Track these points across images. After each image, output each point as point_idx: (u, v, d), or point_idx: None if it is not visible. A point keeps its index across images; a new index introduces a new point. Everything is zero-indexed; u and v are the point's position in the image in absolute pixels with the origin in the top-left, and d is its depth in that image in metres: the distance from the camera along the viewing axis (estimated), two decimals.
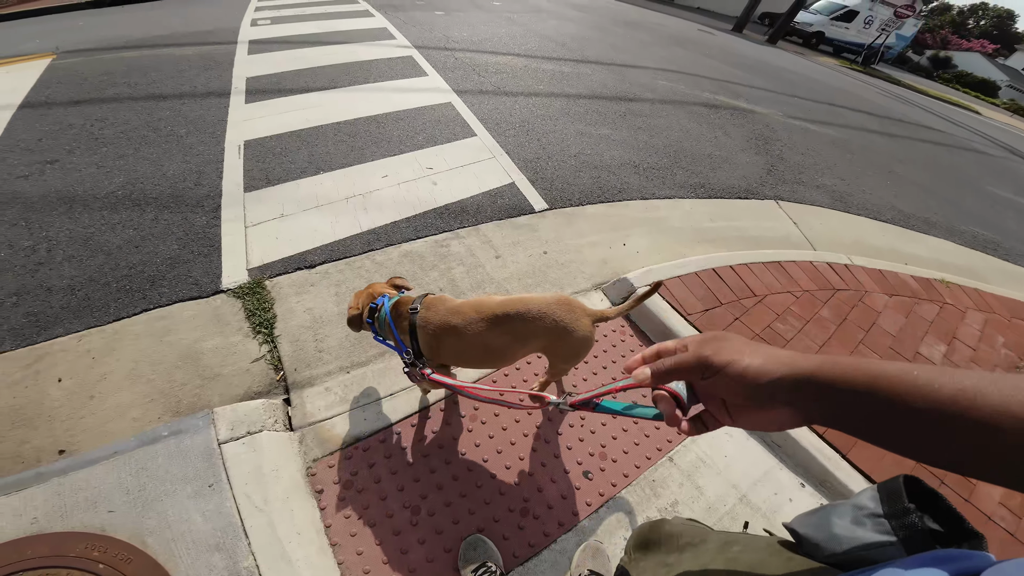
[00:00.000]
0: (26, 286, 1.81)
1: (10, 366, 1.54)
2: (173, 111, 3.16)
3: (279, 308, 1.87)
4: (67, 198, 2.28)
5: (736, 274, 2.33)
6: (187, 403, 1.51)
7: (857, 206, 3.86)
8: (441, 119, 3.54)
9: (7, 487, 1.19)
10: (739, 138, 4.59)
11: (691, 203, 3.16)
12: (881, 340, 2.24)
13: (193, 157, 2.70)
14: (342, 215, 2.41)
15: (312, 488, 1.36)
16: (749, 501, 1.57)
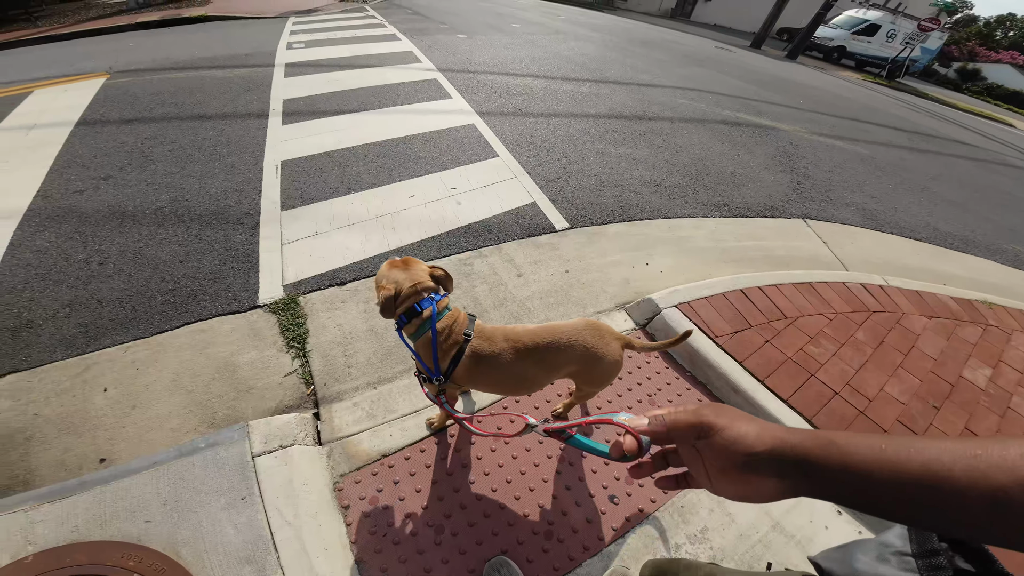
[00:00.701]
0: (79, 298, 1.92)
1: (60, 375, 1.61)
2: (216, 131, 3.34)
3: (311, 323, 1.92)
4: (119, 213, 2.43)
5: (765, 295, 2.27)
6: (222, 415, 1.55)
7: (890, 225, 3.73)
8: (465, 140, 3.64)
9: (52, 494, 1.22)
10: (762, 156, 4.53)
11: (715, 222, 3.12)
12: (921, 363, 2.13)
13: (234, 176, 2.84)
14: (372, 234, 2.48)
15: (339, 503, 1.36)
16: (783, 528, 1.49)
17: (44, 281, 1.98)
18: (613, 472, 1.56)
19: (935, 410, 1.90)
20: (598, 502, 1.48)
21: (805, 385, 1.86)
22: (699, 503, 1.52)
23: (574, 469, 1.55)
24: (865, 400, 1.87)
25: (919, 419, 1.84)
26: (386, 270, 1.16)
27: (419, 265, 1.19)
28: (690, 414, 0.47)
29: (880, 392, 1.92)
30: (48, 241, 2.20)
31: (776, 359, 1.94)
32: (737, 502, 0.49)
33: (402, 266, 1.17)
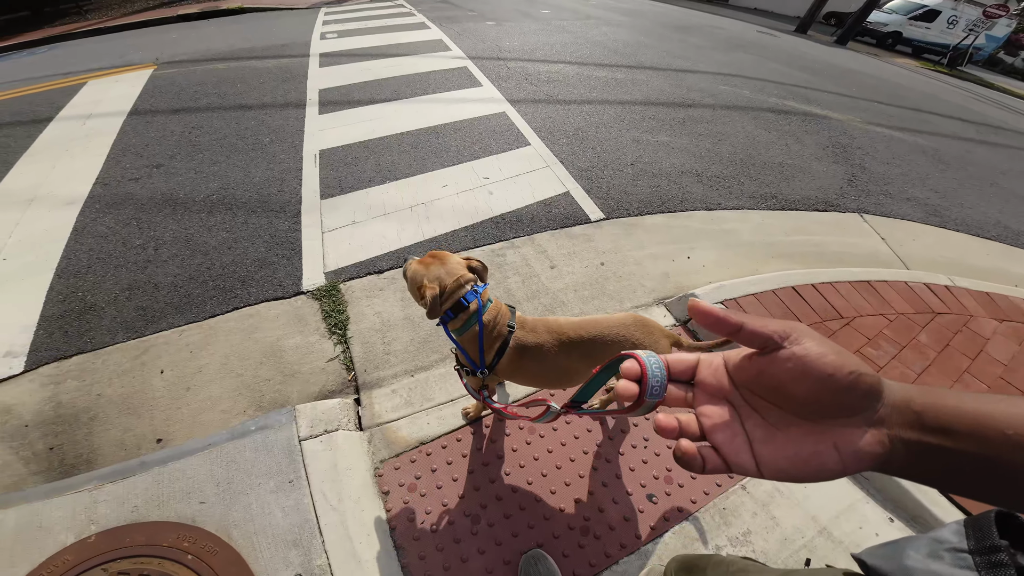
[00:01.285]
0: (137, 281, 2.03)
1: (122, 357, 1.71)
2: (257, 120, 3.44)
3: (351, 311, 1.96)
4: (171, 200, 2.55)
5: (819, 293, 2.13)
6: (269, 398, 1.61)
7: (955, 221, 3.44)
8: (496, 129, 3.59)
9: (114, 475, 1.28)
10: (813, 146, 4.24)
11: (762, 215, 2.95)
12: (990, 369, 1.97)
13: (276, 165, 2.92)
14: (407, 223, 2.49)
15: (380, 489, 1.39)
16: (830, 534, 1.42)
17: (105, 265, 2.10)
18: (652, 471, 1.52)
19: None
20: (636, 500, 1.45)
21: None
22: (742, 505, 1.47)
23: (611, 466, 1.52)
24: None
25: None
26: (422, 268, 1.09)
27: (453, 258, 1.14)
28: (757, 321, 0.35)
29: None
30: (108, 227, 2.33)
31: None
32: (790, 482, 0.41)
33: (437, 262, 1.11)
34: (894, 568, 0.45)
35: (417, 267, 1.11)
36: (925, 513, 1.45)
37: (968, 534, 0.43)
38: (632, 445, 1.59)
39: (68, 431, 1.47)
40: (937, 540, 0.45)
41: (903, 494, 1.48)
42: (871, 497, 1.53)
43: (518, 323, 1.18)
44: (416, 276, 1.10)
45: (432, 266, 1.10)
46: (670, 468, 1.54)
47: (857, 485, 1.55)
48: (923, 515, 1.46)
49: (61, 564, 1.11)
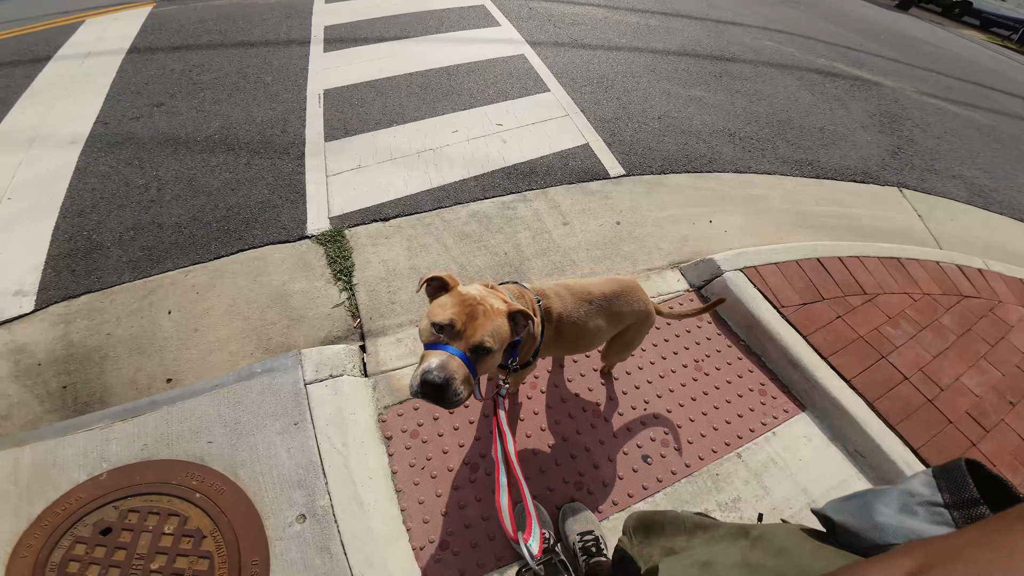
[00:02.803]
0: (141, 221, 2.03)
1: (129, 296, 1.74)
2: (260, 59, 3.28)
3: (357, 257, 1.95)
4: (173, 140, 2.49)
5: (845, 267, 2.06)
6: (276, 342, 1.64)
7: (1000, 204, 3.25)
8: (513, 72, 3.38)
9: (125, 412, 1.32)
10: (860, 113, 3.95)
11: (795, 182, 2.80)
12: (1008, 357, 1.93)
13: (279, 104, 2.81)
14: (414, 170, 2.42)
15: (383, 434, 1.44)
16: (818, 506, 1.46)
17: (109, 205, 2.09)
18: (650, 434, 1.55)
19: (1011, 406, 1.76)
20: (631, 460, 1.49)
21: (874, 367, 1.73)
22: (735, 472, 1.50)
23: (609, 426, 1.56)
24: (936, 389, 1.74)
25: (991, 414, 1.72)
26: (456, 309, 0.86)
27: (477, 286, 0.96)
28: None
29: (955, 382, 1.78)
30: (110, 166, 2.30)
31: (846, 336, 1.79)
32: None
33: (478, 294, 0.91)
34: (865, 525, 0.43)
35: (496, 315, 0.89)
36: None
37: (941, 486, 0.41)
38: (632, 407, 1.61)
39: (80, 370, 1.52)
40: (908, 492, 0.43)
41: (897, 474, 1.51)
42: (864, 475, 1.56)
43: (539, 293, 1.13)
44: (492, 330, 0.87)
45: (477, 297, 0.91)
46: (667, 431, 1.57)
47: (851, 462, 1.58)
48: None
49: (75, 502, 1.15)
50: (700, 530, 0.66)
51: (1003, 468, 1.59)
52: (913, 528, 0.40)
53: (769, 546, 0.50)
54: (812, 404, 1.69)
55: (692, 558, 0.56)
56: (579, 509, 1.32)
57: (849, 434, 1.61)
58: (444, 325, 0.83)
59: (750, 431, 1.60)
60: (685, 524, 0.70)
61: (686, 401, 1.65)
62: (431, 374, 0.77)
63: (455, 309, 0.85)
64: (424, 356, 0.84)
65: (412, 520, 1.29)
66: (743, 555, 0.50)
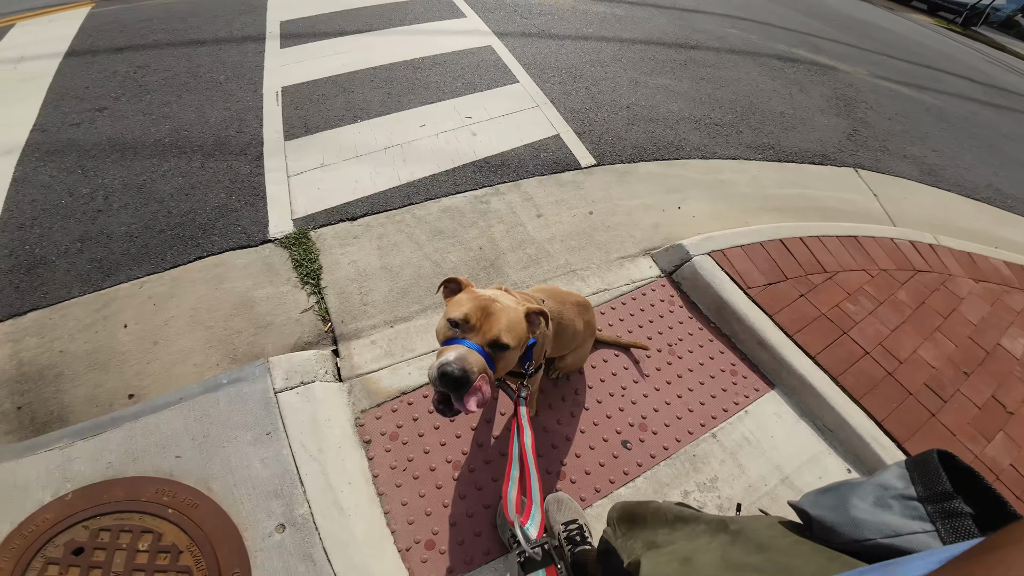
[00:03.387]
0: (88, 232, 1.93)
1: (82, 311, 1.66)
2: (212, 57, 3.15)
3: (324, 259, 1.91)
4: (119, 146, 2.36)
5: (806, 247, 2.16)
6: (243, 351, 1.60)
7: (949, 181, 3.48)
8: (481, 64, 3.36)
9: (85, 431, 1.27)
10: (818, 97, 4.14)
11: (759, 166, 2.92)
12: (960, 329, 2.07)
13: (234, 104, 2.71)
14: (382, 166, 2.39)
15: (361, 438, 1.43)
16: (792, 483, 1.54)
17: (52, 216, 1.98)
18: (628, 419, 1.60)
19: (965, 376, 1.88)
20: (611, 447, 1.53)
21: (836, 343, 1.83)
22: (711, 453, 1.57)
23: (589, 414, 1.60)
24: (896, 362, 1.84)
25: (948, 385, 1.83)
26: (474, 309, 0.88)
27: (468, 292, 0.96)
28: None
29: (912, 355, 1.89)
30: (51, 176, 2.17)
31: (809, 314, 1.89)
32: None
33: (476, 296, 0.93)
34: (841, 520, 0.43)
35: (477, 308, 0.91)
36: (882, 467, 1.56)
37: (914, 479, 0.42)
38: (610, 393, 1.66)
39: (35, 389, 1.45)
40: (882, 486, 0.44)
41: (863, 446, 1.60)
42: (833, 449, 1.65)
43: (524, 298, 1.12)
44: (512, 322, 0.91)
45: (478, 297, 0.93)
46: (644, 416, 1.62)
47: (822, 438, 1.66)
48: (881, 468, 1.58)
49: (42, 522, 1.11)
50: (681, 522, 0.67)
51: (963, 438, 1.69)
52: (888, 523, 0.40)
53: (748, 542, 0.50)
54: (781, 382, 1.77)
55: (673, 554, 0.57)
56: (563, 499, 1.35)
57: (817, 410, 1.70)
58: (460, 320, 0.86)
59: (723, 411, 1.68)
60: (667, 516, 0.71)
61: (661, 385, 1.71)
62: (449, 366, 0.78)
63: (470, 305, 0.88)
64: (441, 351, 0.85)
65: (396, 522, 1.29)
66: (723, 551, 0.51)
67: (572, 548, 1.21)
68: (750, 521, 0.55)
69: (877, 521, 0.41)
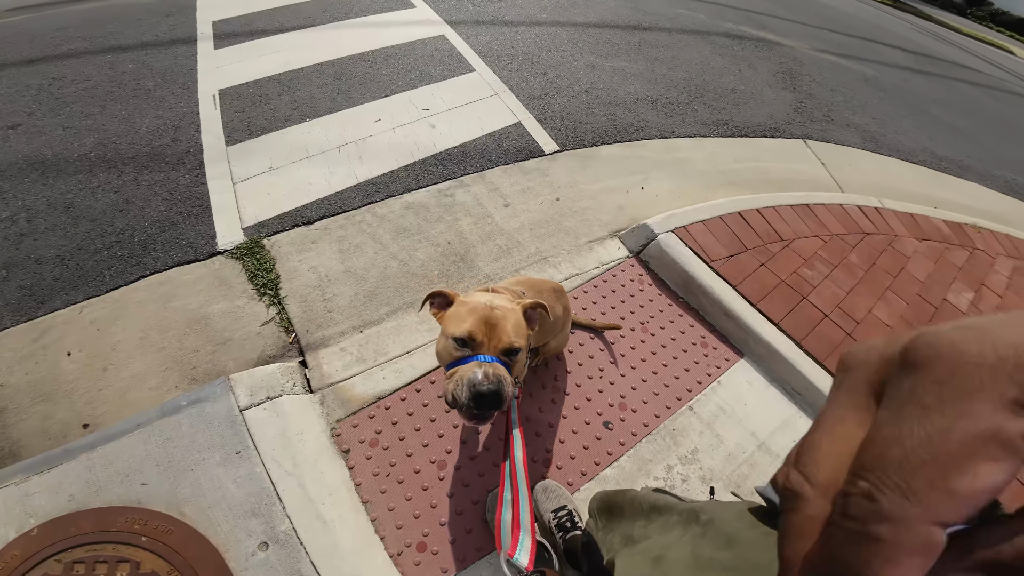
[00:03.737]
0: (13, 259, 1.77)
1: (16, 342, 1.54)
2: (137, 63, 2.94)
3: (281, 268, 1.84)
4: (38, 163, 2.17)
5: (763, 218, 2.26)
6: (203, 370, 1.53)
7: (889, 147, 3.73)
8: (435, 54, 3.30)
9: (38, 465, 1.21)
10: (765, 72, 4.33)
11: (714, 142, 3.03)
12: (909, 287, 2.23)
13: (166, 111, 2.54)
14: (336, 165, 2.31)
15: (339, 448, 1.40)
16: (768, 449, 1.62)
17: None
18: (607, 400, 1.64)
19: None
20: (593, 428, 1.57)
21: (797, 308, 1.93)
22: (689, 426, 1.63)
23: (570, 398, 1.62)
24: (853, 323, 1.96)
25: None
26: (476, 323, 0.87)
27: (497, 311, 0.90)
28: None
29: (868, 314, 2.01)
30: None
31: (770, 282, 1.98)
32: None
33: (473, 303, 0.92)
34: None
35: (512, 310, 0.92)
36: None
37: None
38: (588, 376, 1.69)
39: None
40: None
41: None
42: (803, 412, 1.74)
43: (512, 295, 1.11)
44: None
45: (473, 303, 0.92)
46: (623, 395, 1.66)
47: (792, 401, 1.76)
48: None
49: (11, 559, 1.08)
50: (656, 513, 0.68)
51: None
52: None
53: (719, 535, 0.51)
54: (749, 350, 1.86)
55: (646, 552, 0.58)
56: (550, 486, 1.38)
57: (784, 375, 1.78)
58: (467, 338, 0.83)
59: (698, 383, 1.74)
60: (643, 506, 0.72)
61: (637, 363, 1.76)
62: (482, 385, 0.76)
63: (472, 319, 0.85)
64: (456, 372, 0.82)
65: (384, 528, 1.28)
66: (693, 546, 0.52)
67: (563, 535, 1.23)
68: (720, 510, 0.56)
69: None
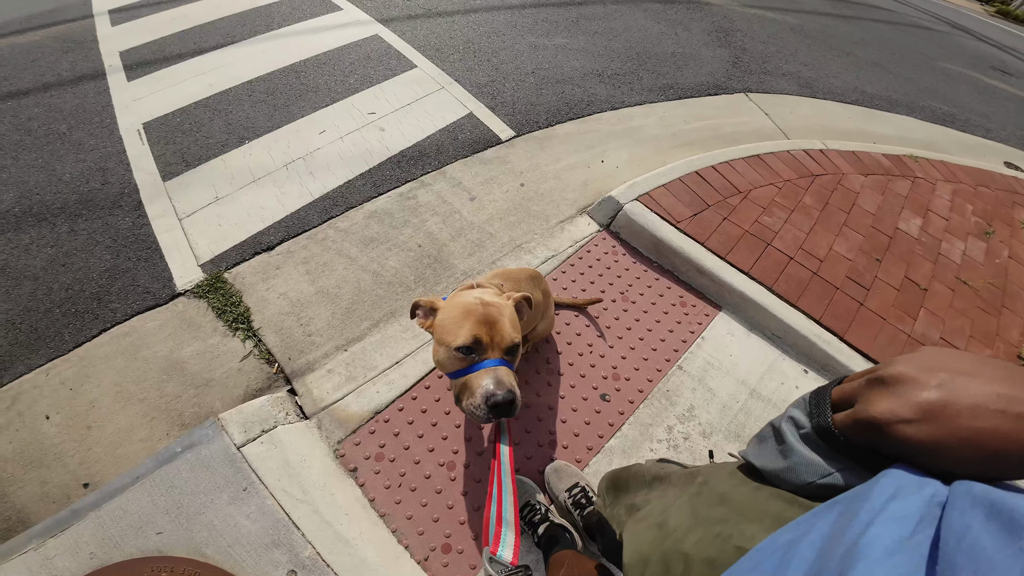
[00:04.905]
0: None
1: None
2: (43, 107, 2.78)
3: (249, 299, 1.84)
4: None
5: (719, 173, 2.42)
6: (190, 414, 1.53)
7: (823, 91, 4.01)
8: (371, 55, 3.28)
9: (50, 529, 1.23)
10: (700, 32, 4.54)
11: (664, 107, 3.18)
12: (862, 220, 2.43)
13: (87, 153, 2.43)
14: (287, 184, 2.29)
15: (345, 468, 1.44)
16: (759, 395, 1.76)
17: None
18: (601, 373, 1.74)
19: (878, 263, 2.21)
20: (591, 403, 1.66)
21: (764, 255, 2.09)
22: (682, 384, 1.75)
23: (565, 378, 1.71)
24: (817, 261, 2.13)
25: (865, 273, 2.13)
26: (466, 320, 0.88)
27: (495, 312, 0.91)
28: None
29: (830, 252, 2.19)
30: None
31: (735, 234, 2.14)
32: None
33: (464, 293, 0.97)
34: (779, 467, 0.46)
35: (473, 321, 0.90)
36: (832, 361, 1.81)
37: (812, 413, 0.44)
38: (579, 353, 1.79)
39: None
40: (794, 422, 0.46)
41: (810, 346, 1.85)
42: (786, 354, 1.89)
43: (485, 283, 1.15)
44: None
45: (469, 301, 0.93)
46: (615, 366, 1.77)
47: (773, 345, 1.90)
48: (830, 363, 1.82)
49: None
50: (658, 481, 0.73)
51: (892, 320, 1.94)
52: (815, 462, 0.42)
53: (712, 493, 0.54)
54: (725, 302, 2.01)
55: (650, 520, 0.60)
56: (560, 466, 1.46)
57: (762, 321, 1.94)
58: (471, 345, 0.83)
59: (683, 342, 1.87)
60: (646, 477, 0.78)
61: (623, 332, 1.87)
62: (497, 396, 0.77)
63: (470, 324, 0.85)
64: (466, 383, 0.83)
65: (407, 537, 1.34)
66: (691, 506, 0.55)
67: (580, 512, 1.30)
68: (715, 471, 0.59)
69: (807, 462, 0.42)
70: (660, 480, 0.73)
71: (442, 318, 0.91)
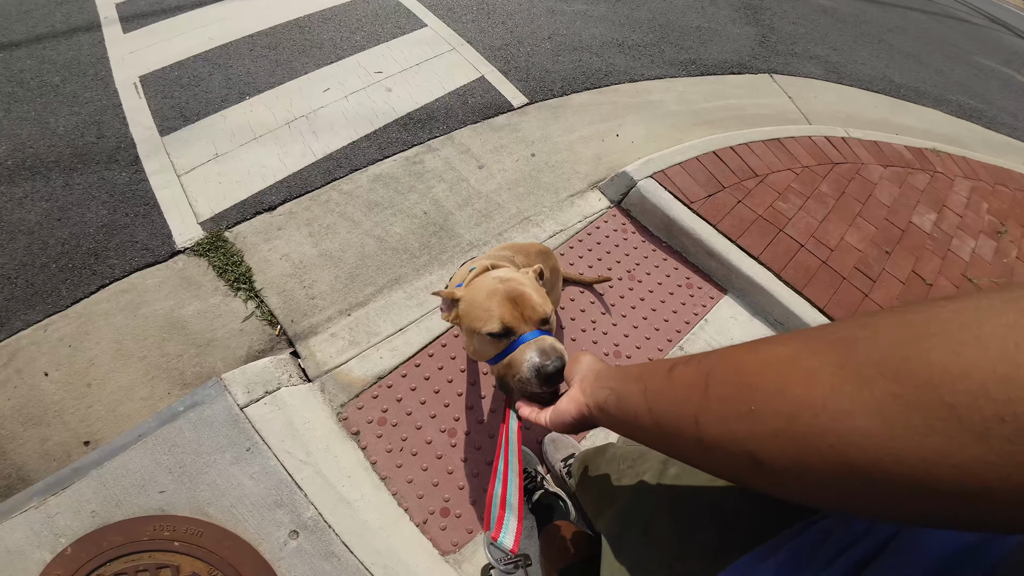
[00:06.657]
0: None
1: None
2: (36, 58, 2.69)
3: (251, 260, 1.83)
4: None
5: (737, 155, 2.39)
6: (191, 373, 1.54)
7: (850, 77, 3.91)
8: (379, 11, 3.16)
9: (52, 487, 1.24)
10: (727, 7, 4.38)
11: (684, 83, 3.10)
12: (877, 212, 2.42)
13: (82, 106, 2.37)
14: (289, 144, 2.25)
15: (348, 431, 1.47)
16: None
17: None
18: (603, 350, 1.76)
19: (887, 255, 2.22)
20: None
21: (775, 241, 2.09)
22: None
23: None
24: (828, 250, 2.14)
25: (874, 265, 2.15)
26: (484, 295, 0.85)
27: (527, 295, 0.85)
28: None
29: (841, 241, 2.20)
30: None
31: (748, 218, 2.13)
32: None
33: (478, 273, 0.96)
34: None
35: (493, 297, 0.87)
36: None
37: None
38: (582, 329, 1.81)
39: None
40: None
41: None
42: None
43: (497, 259, 1.12)
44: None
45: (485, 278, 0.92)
46: (617, 344, 1.79)
47: (774, 331, 1.91)
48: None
49: None
50: (631, 461, 0.75)
51: None
52: None
53: (685, 477, 0.59)
54: (731, 286, 2.02)
55: (631, 524, 0.64)
56: (557, 437, 1.50)
57: (766, 306, 1.95)
58: (507, 328, 0.79)
59: (686, 323, 1.89)
60: (619, 465, 0.78)
61: (627, 311, 1.89)
62: (547, 366, 0.72)
63: (496, 305, 0.81)
64: (511, 361, 0.77)
65: (407, 500, 1.38)
66: (659, 472, 0.62)
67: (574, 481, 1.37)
68: None
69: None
70: (632, 464, 0.73)
71: (465, 307, 0.87)
